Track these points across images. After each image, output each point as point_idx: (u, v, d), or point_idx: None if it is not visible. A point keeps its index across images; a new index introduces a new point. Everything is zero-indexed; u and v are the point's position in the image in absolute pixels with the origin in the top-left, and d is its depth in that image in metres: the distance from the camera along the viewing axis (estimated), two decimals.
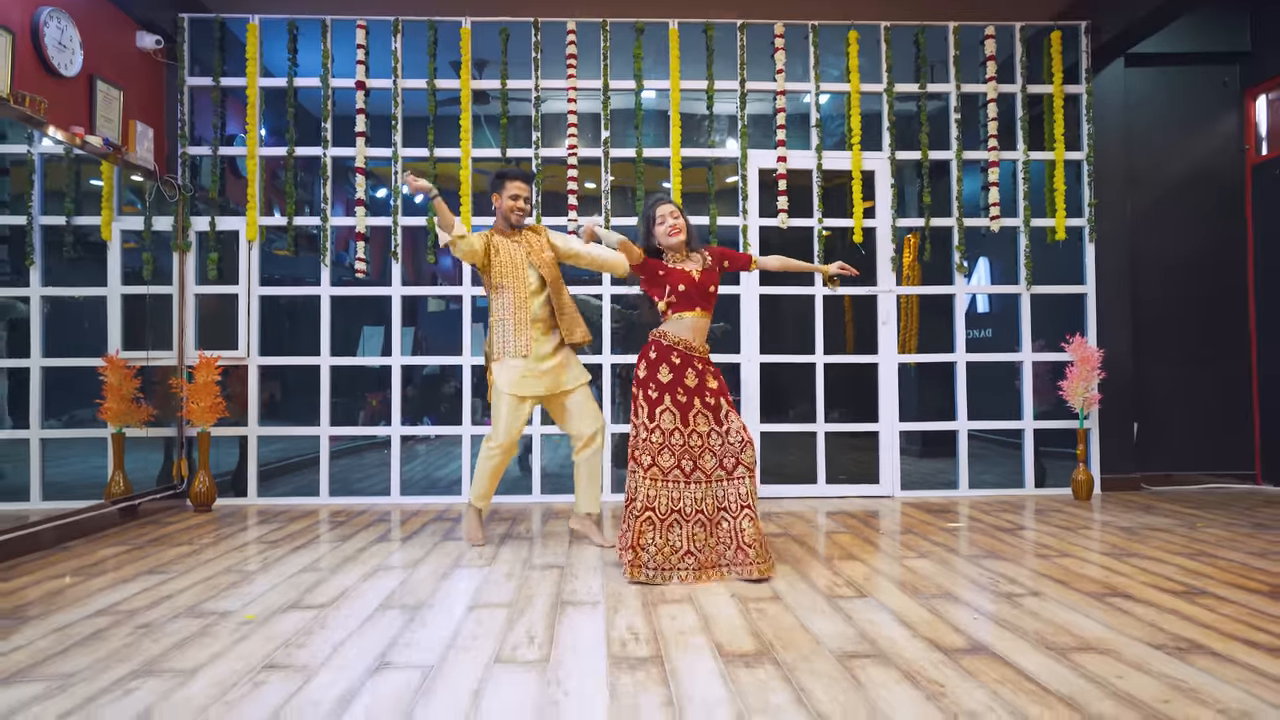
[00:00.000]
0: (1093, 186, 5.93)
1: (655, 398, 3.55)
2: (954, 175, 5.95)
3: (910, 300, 7.17)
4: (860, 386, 6.14)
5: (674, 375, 3.57)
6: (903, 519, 4.99)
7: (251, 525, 4.87)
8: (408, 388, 5.94)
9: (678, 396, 3.54)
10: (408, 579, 3.53)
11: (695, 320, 3.66)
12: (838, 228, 5.95)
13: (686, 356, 3.60)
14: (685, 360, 3.60)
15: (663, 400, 3.54)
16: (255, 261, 5.71)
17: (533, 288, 4.14)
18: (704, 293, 3.68)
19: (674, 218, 3.72)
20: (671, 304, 3.67)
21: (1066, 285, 5.99)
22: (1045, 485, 5.96)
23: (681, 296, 3.65)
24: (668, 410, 3.53)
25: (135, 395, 5.14)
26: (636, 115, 5.82)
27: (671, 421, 3.51)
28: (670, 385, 3.55)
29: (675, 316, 3.66)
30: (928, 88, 5.92)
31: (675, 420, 3.52)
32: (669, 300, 3.67)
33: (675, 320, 3.66)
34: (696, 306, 3.66)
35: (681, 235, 3.71)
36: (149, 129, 5.34)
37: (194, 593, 3.29)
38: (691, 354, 3.62)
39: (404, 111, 5.81)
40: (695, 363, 3.61)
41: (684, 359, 3.60)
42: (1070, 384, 5.60)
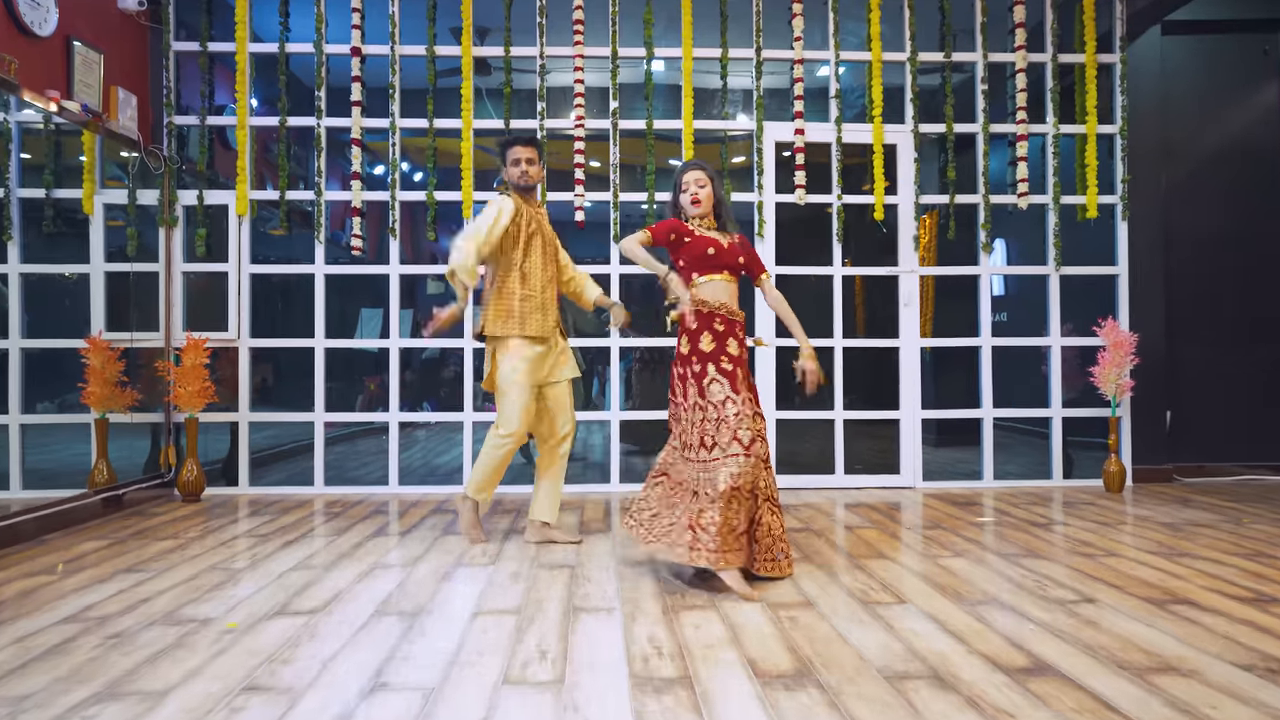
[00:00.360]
0: (1126, 161, 5.63)
1: (700, 370, 3.23)
2: (980, 149, 5.65)
3: (926, 282, 6.88)
4: (875, 372, 5.87)
5: (717, 343, 3.25)
6: (928, 512, 4.73)
7: (242, 517, 4.61)
8: (406, 372, 5.67)
9: (723, 365, 3.22)
10: (406, 580, 3.26)
11: (725, 284, 3.35)
12: (857, 204, 5.65)
13: (729, 323, 3.30)
14: (729, 327, 3.29)
15: (707, 371, 3.22)
16: (245, 238, 5.42)
17: (550, 263, 3.89)
18: (733, 261, 3.38)
19: (698, 185, 3.41)
20: (697, 268, 3.35)
21: (1097, 266, 5.70)
22: (1074, 476, 5.70)
23: (710, 260, 3.34)
24: (715, 381, 3.20)
25: (119, 379, 4.86)
26: (647, 85, 5.51)
27: (721, 392, 3.17)
28: (714, 354, 3.23)
29: (702, 280, 3.34)
30: (953, 57, 5.61)
31: (724, 390, 3.17)
32: (694, 265, 3.35)
33: (703, 285, 3.33)
34: (725, 270, 3.35)
35: (701, 208, 3.41)
36: (132, 96, 5.04)
37: (174, 595, 3.02)
38: (734, 319, 3.31)
39: (402, 80, 5.50)
40: (738, 329, 3.32)
41: (727, 325, 3.29)
42: (1102, 370, 5.33)
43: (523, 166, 3.83)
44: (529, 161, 3.85)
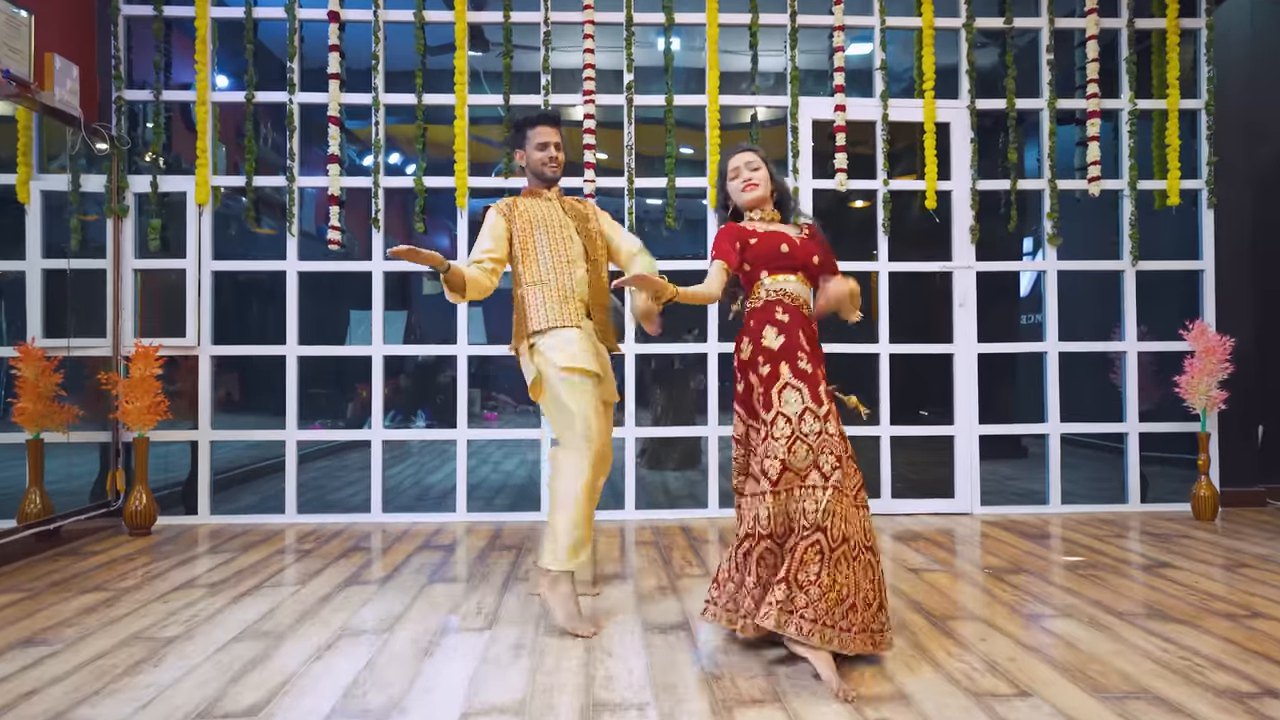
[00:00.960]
0: (1212, 142, 4.93)
1: (768, 374, 2.52)
2: (1045, 128, 4.95)
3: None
4: (918, 380, 5.17)
5: (786, 338, 2.55)
6: (998, 545, 4.04)
7: (195, 555, 3.92)
8: (399, 377, 4.97)
9: (798, 364, 2.51)
10: (378, 655, 2.57)
11: (798, 283, 2.66)
12: (906, 191, 4.96)
13: (796, 314, 2.61)
14: (795, 319, 2.59)
15: (779, 374, 2.51)
16: (208, 230, 4.72)
17: (577, 254, 3.07)
18: (808, 260, 2.68)
19: (750, 168, 2.72)
20: (767, 266, 2.66)
21: (1178, 260, 5.01)
22: (1149, 500, 5.00)
23: (783, 258, 2.65)
24: (788, 385, 2.49)
25: (57, 393, 4.18)
26: (666, 59, 4.82)
27: (798, 401, 2.46)
28: (784, 351, 2.53)
29: (770, 277, 2.66)
30: (1014, 22, 4.92)
31: (803, 398, 2.46)
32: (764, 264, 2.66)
33: (772, 280, 2.65)
34: (799, 272, 2.66)
35: (759, 190, 2.71)
36: (72, 66, 4.34)
37: (69, 685, 2.32)
38: (801, 313, 2.62)
39: (388, 57, 4.81)
40: (811, 325, 2.64)
41: (793, 317, 2.60)
42: (1190, 380, 4.63)
43: (551, 151, 3.12)
44: (557, 145, 3.13)
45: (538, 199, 3.15)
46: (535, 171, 3.17)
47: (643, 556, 3.89)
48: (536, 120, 3.16)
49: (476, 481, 5.38)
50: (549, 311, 2.96)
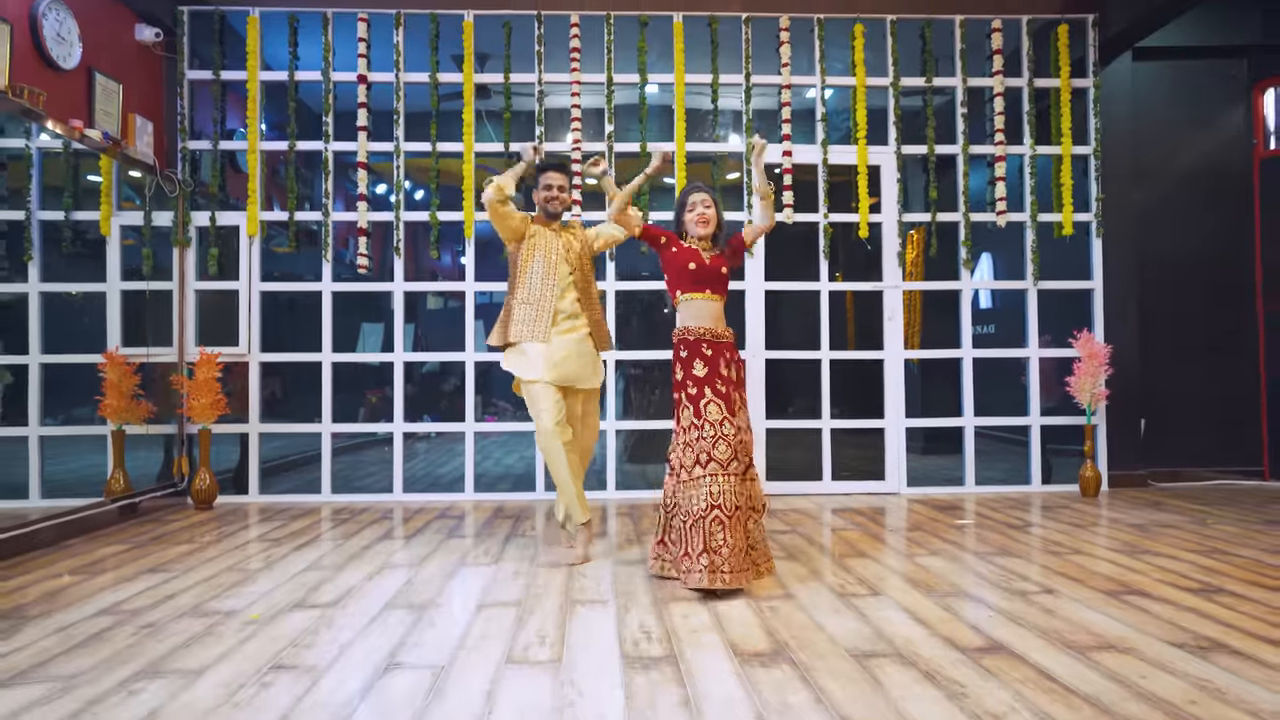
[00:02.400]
0: (1100, 181, 5.88)
1: (695, 394, 3.42)
2: (960, 170, 5.91)
3: (914, 296, 7.15)
4: (863, 382, 6.11)
5: (709, 369, 3.43)
6: (911, 516, 4.95)
7: (253, 523, 4.82)
8: (407, 385, 5.90)
9: (717, 387, 3.41)
10: (414, 578, 3.48)
11: (707, 303, 3.52)
12: (843, 222, 5.90)
13: (716, 345, 3.47)
14: (716, 351, 3.46)
15: (704, 393, 3.41)
16: (256, 257, 5.66)
17: (564, 281, 3.98)
18: (715, 275, 3.54)
19: (705, 206, 3.57)
20: (679, 285, 3.53)
21: (1073, 281, 5.95)
22: (1052, 482, 5.93)
23: (690, 276, 3.50)
24: (712, 402, 3.38)
25: (135, 392, 5.08)
26: (641, 109, 5.77)
27: (719, 412, 3.35)
28: (708, 378, 3.42)
29: (685, 299, 3.52)
30: (934, 81, 5.88)
31: (722, 411, 3.36)
32: (676, 281, 3.54)
33: (685, 305, 3.52)
34: (706, 289, 3.52)
35: (709, 228, 3.56)
36: (148, 123, 5.29)
37: (197, 592, 3.24)
38: (720, 343, 3.48)
39: (406, 106, 5.76)
40: (726, 351, 3.48)
41: (715, 349, 3.46)
42: (1078, 380, 5.57)
43: (554, 191, 4.04)
44: (560, 188, 4.05)
45: (545, 228, 4.07)
46: (541, 207, 4.09)
47: (619, 521, 4.80)
48: (548, 166, 4.09)
49: (481, 472, 6.29)
50: (523, 329, 3.88)
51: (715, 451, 3.28)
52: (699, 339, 3.45)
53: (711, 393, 3.36)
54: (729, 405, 3.36)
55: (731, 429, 3.32)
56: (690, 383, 3.42)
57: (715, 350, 3.44)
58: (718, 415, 3.32)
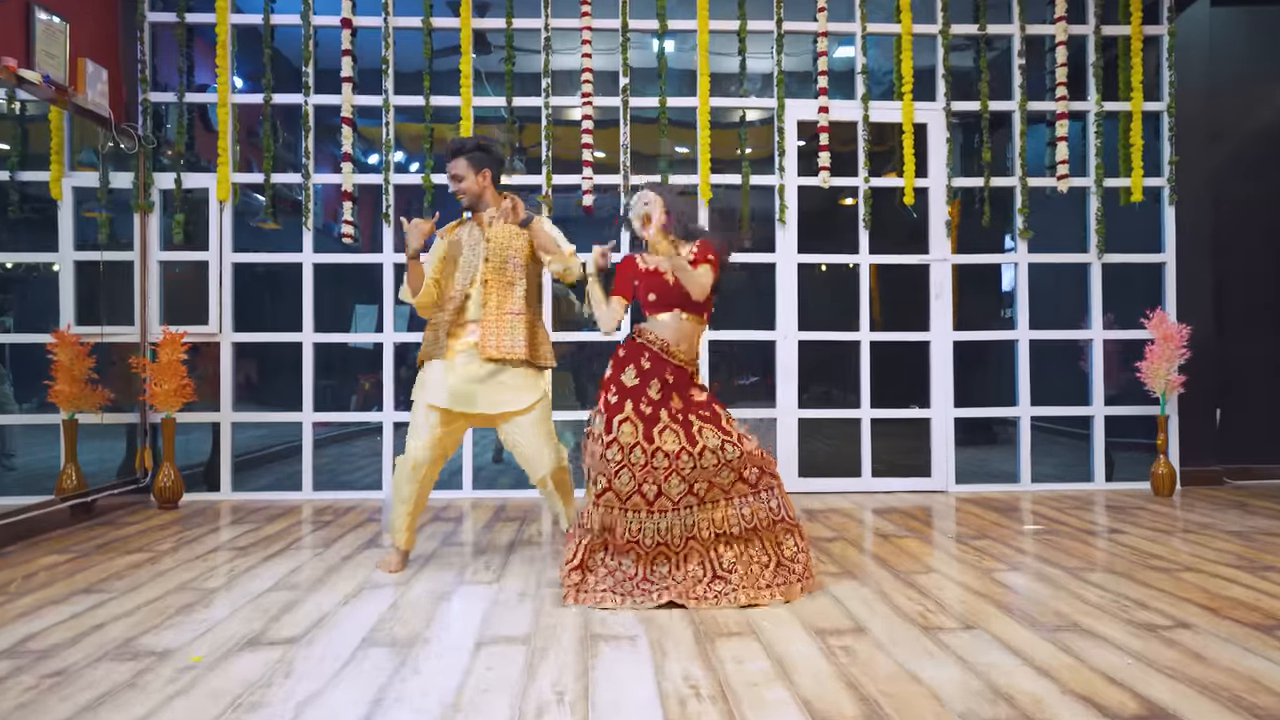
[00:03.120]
0: (1174, 142, 5.25)
1: (615, 403, 2.92)
2: (1017, 129, 5.27)
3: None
4: (892, 368, 5.49)
5: (640, 380, 2.94)
6: (967, 519, 4.36)
7: (222, 526, 4.23)
8: (401, 369, 5.28)
9: (640, 406, 2.90)
10: (399, 601, 2.88)
11: (673, 321, 3.01)
12: (885, 188, 5.27)
13: (659, 361, 2.96)
14: (656, 366, 2.95)
15: (622, 408, 2.90)
16: (228, 224, 5.03)
17: (476, 278, 3.28)
18: (680, 292, 2.98)
19: (644, 205, 3.05)
20: (647, 307, 3.07)
21: (1141, 254, 5.32)
22: (1115, 479, 5.32)
23: (654, 304, 3.05)
24: (628, 420, 2.88)
25: (89, 376, 4.48)
26: (659, 62, 5.13)
27: (632, 435, 2.86)
28: (634, 391, 2.92)
29: (651, 316, 3.06)
30: (988, 29, 5.23)
31: (637, 434, 2.86)
32: (645, 305, 3.08)
33: (652, 319, 3.05)
34: (675, 307, 3.02)
35: (650, 228, 3.00)
36: (102, 70, 4.65)
37: (133, 621, 2.64)
38: (665, 359, 2.96)
39: (396, 61, 5.11)
40: (667, 372, 2.95)
41: (655, 364, 2.95)
42: (1150, 365, 4.95)
43: (457, 184, 3.33)
44: (456, 177, 3.31)
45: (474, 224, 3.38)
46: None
47: None
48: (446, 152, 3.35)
49: (479, 465, 5.69)
50: (432, 344, 3.29)
51: (616, 481, 2.85)
52: (644, 346, 2.99)
53: (632, 409, 2.90)
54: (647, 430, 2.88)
55: (641, 457, 2.85)
56: (613, 389, 2.96)
57: (655, 366, 2.96)
58: (630, 438, 2.86)
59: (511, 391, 3.23)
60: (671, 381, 2.95)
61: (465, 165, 3.30)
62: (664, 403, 2.92)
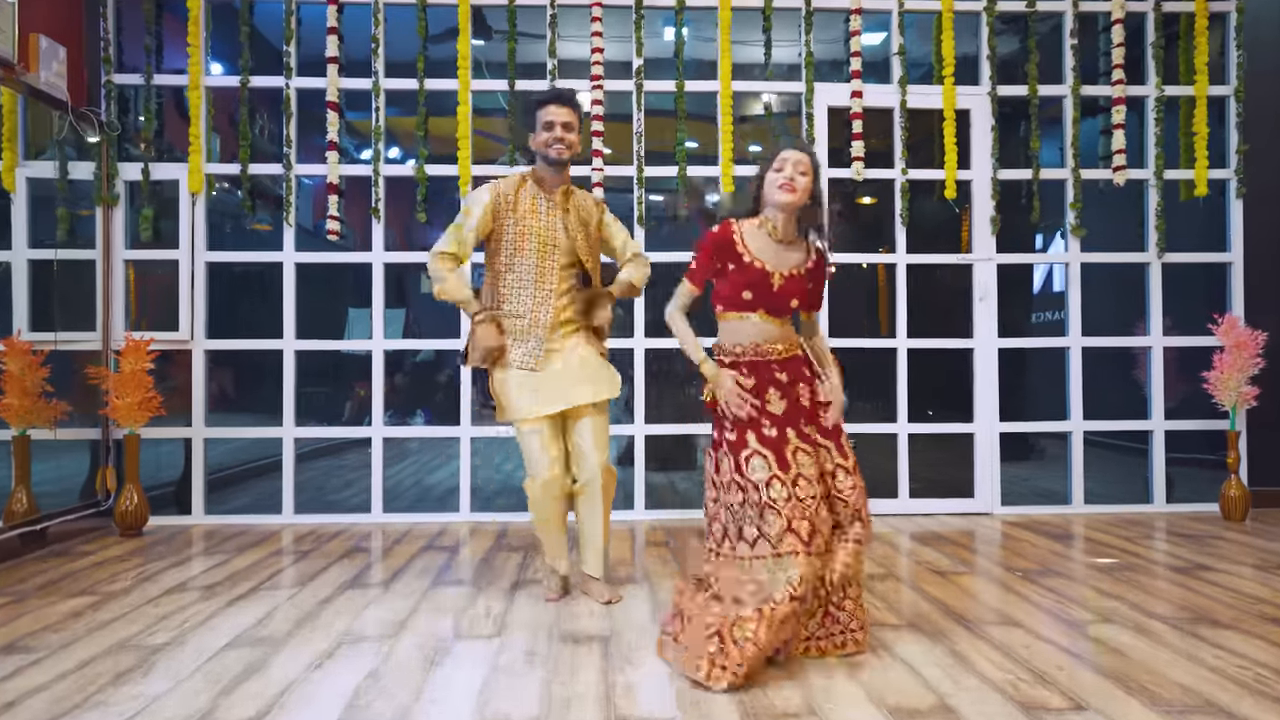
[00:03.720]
0: (1241, 130, 4.77)
1: (735, 440, 2.45)
2: (1068, 116, 4.80)
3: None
4: (937, 376, 5.02)
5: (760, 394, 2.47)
6: (1024, 547, 3.88)
7: (190, 557, 3.76)
8: (395, 376, 4.80)
9: (762, 431, 2.42)
10: (383, 665, 2.40)
11: (761, 323, 2.52)
12: (925, 180, 4.79)
13: (760, 369, 2.49)
14: (760, 377, 2.49)
15: (746, 442, 2.42)
16: (201, 219, 4.55)
17: (563, 260, 3.00)
18: (784, 301, 2.52)
19: (799, 171, 2.48)
20: (730, 304, 2.54)
21: (1205, 253, 4.85)
22: (1174, 499, 4.83)
23: (745, 303, 2.51)
24: (755, 454, 2.40)
25: (44, 389, 4.00)
26: (677, 45, 4.66)
27: (765, 469, 2.37)
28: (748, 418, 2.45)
29: (736, 316, 2.54)
30: (1037, 6, 4.76)
31: (769, 466, 2.37)
32: (728, 300, 2.54)
33: (733, 326, 2.55)
34: (760, 309, 2.51)
35: (794, 196, 2.47)
36: (59, 47, 4.17)
37: (52, 697, 2.15)
38: (766, 359, 2.50)
39: (387, 38, 4.64)
40: (775, 371, 2.49)
41: (757, 374, 2.49)
42: (1220, 375, 4.47)
43: (557, 131, 2.92)
44: (565, 127, 2.93)
45: (536, 190, 3.01)
46: (540, 153, 3.00)
47: (653, 557, 3.73)
48: (549, 98, 2.99)
49: (479, 482, 5.22)
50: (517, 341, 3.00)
51: (763, 525, 2.34)
52: (736, 362, 2.54)
53: (756, 439, 2.42)
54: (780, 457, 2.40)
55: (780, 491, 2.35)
56: (728, 422, 2.49)
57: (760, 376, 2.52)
58: (764, 474, 2.37)
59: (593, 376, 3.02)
60: (786, 381, 2.49)
61: (577, 117, 2.97)
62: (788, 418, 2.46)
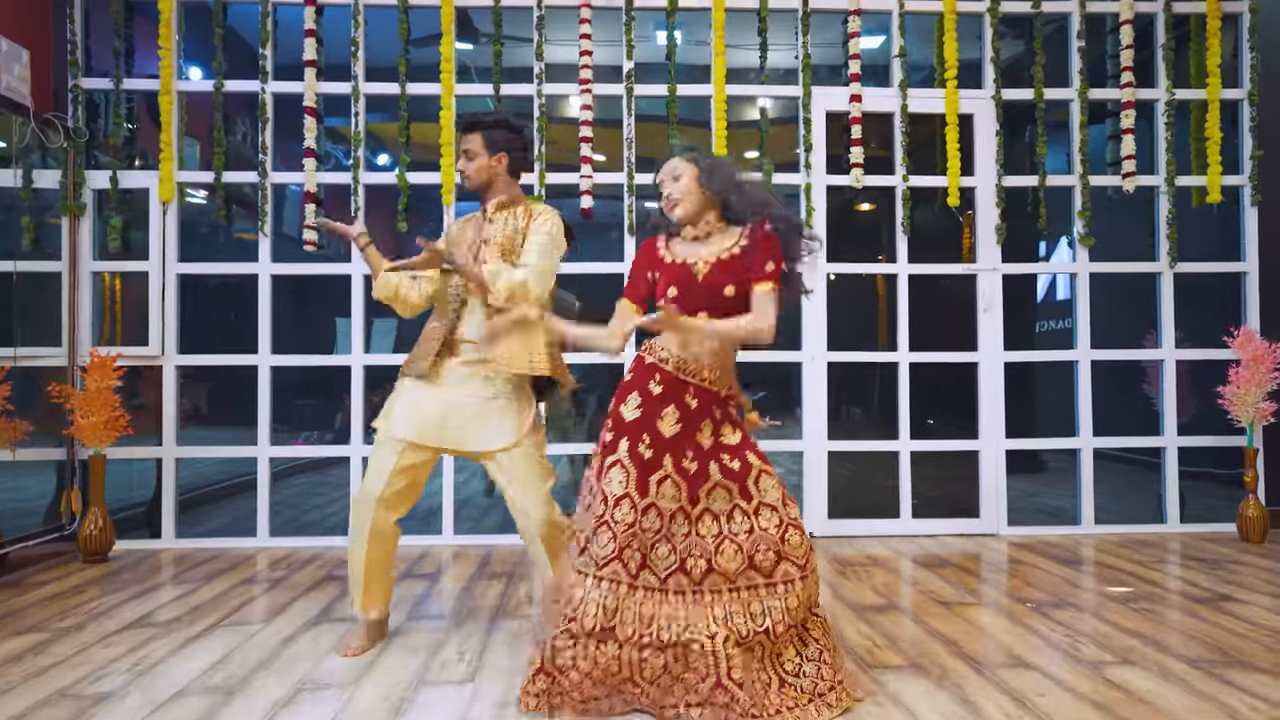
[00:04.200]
0: (1256, 134, 4.59)
1: (610, 441, 2.27)
2: (1075, 121, 4.62)
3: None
4: (940, 392, 4.83)
5: (643, 412, 2.25)
6: (1032, 573, 3.69)
7: (154, 586, 3.56)
8: (380, 390, 4.59)
9: (637, 447, 2.22)
10: (341, 714, 2.20)
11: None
12: (927, 187, 4.61)
13: (674, 384, 2.27)
14: (670, 390, 2.27)
15: (616, 448, 2.24)
16: (173, 229, 4.36)
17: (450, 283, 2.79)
18: (708, 294, 2.29)
19: (672, 179, 2.33)
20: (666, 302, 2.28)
21: (1218, 263, 4.67)
22: (1188, 519, 4.64)
23: (674, 301, 2.28)
24: (618, 465, 2.22)
25: (3, 407, 3.81)
26: (669, 48, 4.48)
27: (620, 485, 2.19)
28: (634, 426, 2.25)
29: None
30: (1042, 7, 4.58)
31: (626, 485, 2.19)
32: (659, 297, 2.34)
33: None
34: (699, 310, 2.26)
35: (680, 208, 2.32)
36: (22, 50, 3.99)
37: None
38: (683, 380, 2.27)
39: (367, 41, 4.46)
40: (687, 396, 2.27)
41: (669, 387, 2.27)
42: (1236, 390, 4.28)
43: (460, 161, 2.75)
44: (466, 153, 2.72)
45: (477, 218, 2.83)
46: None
47: None
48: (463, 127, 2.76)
49: (463, 499, 5.02)
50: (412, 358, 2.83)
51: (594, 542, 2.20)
52: (655, 365, 2.30)
53: (627, 450, 2.22)
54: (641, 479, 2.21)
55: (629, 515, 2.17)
56: (609, 425, 2.30)
57: (668, 390, 2.27)
58: (618, 489, 2.19)
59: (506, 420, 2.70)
60: (692, 409, 2.26)
61: (480, 142, 2.71)
62: (673, 445, 2.23)
